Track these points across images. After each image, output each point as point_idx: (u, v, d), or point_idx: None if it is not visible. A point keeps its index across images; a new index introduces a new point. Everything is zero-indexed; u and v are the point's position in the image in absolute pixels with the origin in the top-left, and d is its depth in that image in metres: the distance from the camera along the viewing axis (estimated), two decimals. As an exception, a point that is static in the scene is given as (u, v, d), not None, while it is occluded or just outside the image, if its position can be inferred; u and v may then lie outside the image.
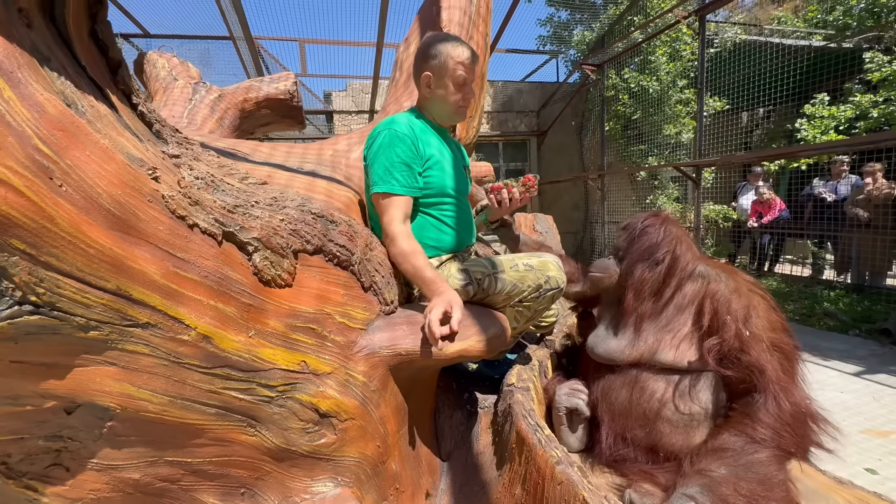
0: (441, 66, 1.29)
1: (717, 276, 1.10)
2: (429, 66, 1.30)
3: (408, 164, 1.23)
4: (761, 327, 1.01)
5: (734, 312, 1.02)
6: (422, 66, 1.32)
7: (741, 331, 1.00)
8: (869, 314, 3.95)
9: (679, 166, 5.49)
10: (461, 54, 1.28)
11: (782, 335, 1.02)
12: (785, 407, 0.95)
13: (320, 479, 0.93)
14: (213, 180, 0.82)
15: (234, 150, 1.47)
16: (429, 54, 1.30)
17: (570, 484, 0.87)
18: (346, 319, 0.98)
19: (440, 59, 1.28)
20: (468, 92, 1.35)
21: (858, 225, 4.72)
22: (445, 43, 1.29)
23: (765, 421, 0.94)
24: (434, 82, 1.31)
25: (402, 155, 1.22)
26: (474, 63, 1.32)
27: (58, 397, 0.62)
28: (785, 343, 1.01)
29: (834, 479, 1.16)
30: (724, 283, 1.08)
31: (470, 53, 1.30)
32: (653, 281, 1.11)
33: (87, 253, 0.58)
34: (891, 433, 2.20)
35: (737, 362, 1.00)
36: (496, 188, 1.46)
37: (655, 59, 6.44)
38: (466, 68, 1.30)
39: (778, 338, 1.01)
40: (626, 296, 1.14)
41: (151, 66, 2.69)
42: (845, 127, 5.69)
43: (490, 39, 2.39)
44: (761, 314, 1.02)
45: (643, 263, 1.13)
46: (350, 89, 7.94)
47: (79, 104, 0.61)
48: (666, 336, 1.08)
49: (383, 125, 1.27)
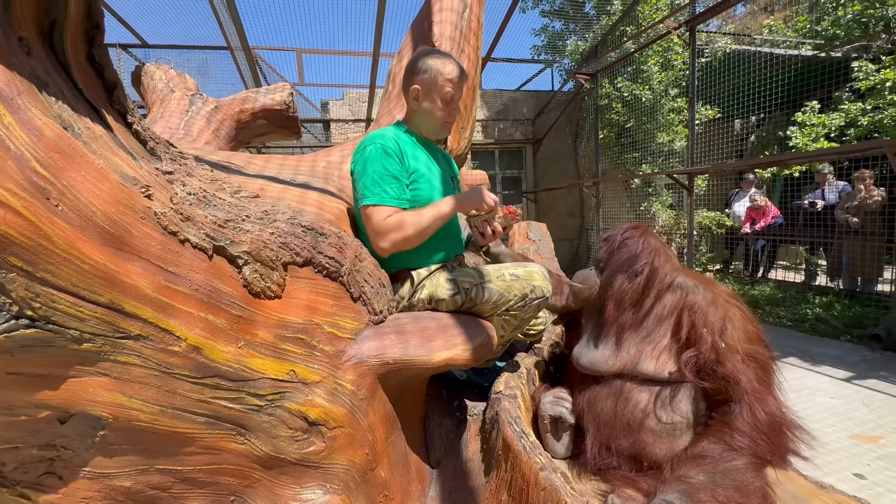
0: (430, 80, 1.32)
1: (694, 287, 1.13)
2: (418, 79, 1.33)
3: (395, 176, 1.26)
4: (737, 339, 1.03)
5: (710, 324, 1.05)
6: (411, 79, 1.35)
7: (717, 343, 1.02)
8: (860, 320, 3.99)
9: (672, 174, 5.55)
10: (450, 71, 1.32)
11: (758, 346, 1.05)
12: (760, 416, 0.97)
13: (309, 487, 0.95)
14: (204, 196, 0.85)
15: (228, 163, 1.50)
16: (418, 68, 1.33)
17: (553, 490, 0.89)
18: (334, 329, 1.01)
19: (429, 74, 1.31)
20: (454, 108, 1.38)
21: (848, 231, 4.78)
22: (435, 58, 1.33)
23: (741, 430, 0.96)
24: (422, 96, 1.34)
25: (389, 168, 1.25)
26: (462, 80, 1.35)
27: (52, 407, 0.65)
28: (760, 354, 1.04)
29: (815, 483, 1.19)
30: (702, 295, 1.11)
31: (459, 71, 1.33)
32: (632, 292, 1.14)
33: (82, 269, 0.60)
34: (880, 438, 2.22)
35: (713, 374, 1.02)
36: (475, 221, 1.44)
37: (648, 68, 6.54)
38: (454, 85, 1.33)
39: (753, 349, 1.04)
40: (607, 307, 1.17)
41: (149, 78, 2.73)
42: (836, 134, 5.78)
43: (482, 52, 2.44)
44: (737, 325, 1.05)
45: (622, 275, 1.16)
46: (347, 98, 8.01)
47: (75, 126, 0.64)
48: (647, 347, 1.11)
49: (369, 139, 1.30)
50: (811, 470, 1.97)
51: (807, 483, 1.20)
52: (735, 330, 1.04)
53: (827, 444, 2.19)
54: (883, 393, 2.73)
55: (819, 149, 5.27)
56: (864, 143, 4.42)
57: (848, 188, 5.13)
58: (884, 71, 5.28)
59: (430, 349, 1.10)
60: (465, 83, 1.38)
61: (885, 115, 5.19)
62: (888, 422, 2.38)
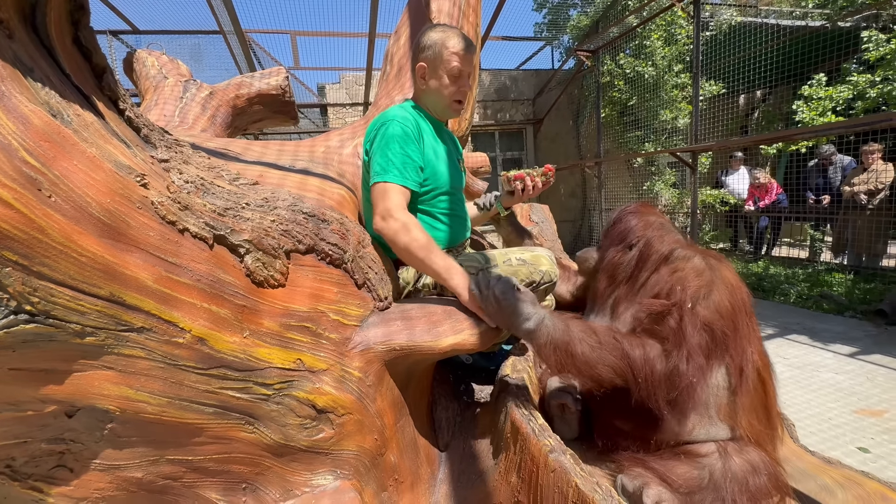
0: (435, 56, 1.26)
1: (691, 256, 1.11)
2: (423, 56, 1.28)
3: (411, 157, 1.22)
4: (705, 307, 1.02)
5: (687, 288, 1.03)
6: (417, 57, 1.30)
7: (685, 302, 1.01)
8: (864, 296, 3.98)
9: (675, 152, 5.47)
10: (456, 44, 1.26)
11: (724, 321, 1.02)
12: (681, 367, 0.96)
13: (320, 473, 0.95)
14: (202, 183, 0.83)
15: (226, 150, 1.47)
16: (422, 45, 1.28)
17: (562, 471, 0.89)
18: (340, 317, 0.99)
19: (434, 50, 1.26)
20: (463, 84, 1.31)
21: (855, 207, 4.73)
22: (439, 31, 1.27)
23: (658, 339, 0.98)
24: (428, 73, 1.29)
25: (406, 148, 1.21)
26: (469, 53, 1.28)
27: (58, 402, 0.64)
28: (719, 329, 1.00)
29: (822, 459, 1.19)
30: (693, 265, 1.08)
31: (465, 43, 1.27)
32: (626, 265, 1.13)
33: (79, 261, 0.59)
34: (883, 412, 2.24)
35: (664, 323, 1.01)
36: (518, 177, 1.52)
37: (651, 43, 6.38)
38: (461, 58, 1.26)
39: (715, 321, 1.01)
40: (600, 279, 1.16)
41: (141, 64, 2.67)
42: (843, 108, 5.66)
43: (481, 30, 2.37)
44: (713, 298, 1.02)
45: (615, 248, 1.15)
46: (343, 82, 7.87)
47: (64, 114, 0.61)
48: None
49: (386, 117, 1.24)
50: (816, 444, 1.99)
51: (814, 459, 1.21)
52: (709, 300, 1.01)
53: (831, 419, 2.21)
54: (887, 367, 2.74)
55: (826, 123, 5.17)
56: (873, 116, 4.33)
57: (853, 164, 5.05)
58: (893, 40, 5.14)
59: (437, 334, 1.09)
60: (473, 56, 1.31)
61: (894, 87, 5.07)
62: (892, 396, 2.39)
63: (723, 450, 0.97)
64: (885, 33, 5.38)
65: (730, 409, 1.02)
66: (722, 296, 1.02)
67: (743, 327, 1.02)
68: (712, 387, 1.05)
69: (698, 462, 0.96)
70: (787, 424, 1.32)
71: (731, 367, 1.01)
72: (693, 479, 0.93)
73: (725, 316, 1.01)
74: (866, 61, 5.49)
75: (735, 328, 1.02)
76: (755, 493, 0.91)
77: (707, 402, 1.04)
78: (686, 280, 1.05)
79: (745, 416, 1.01)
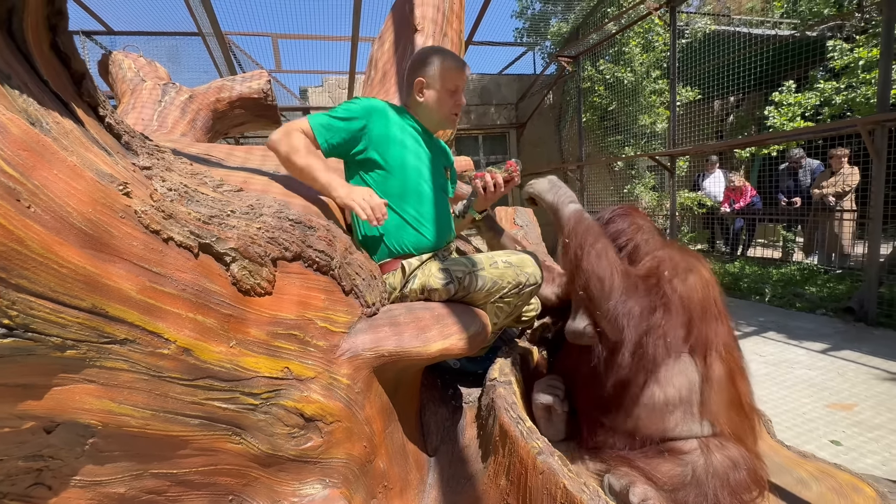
0: (434, 72, 1.38)
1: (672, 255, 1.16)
2: (422, 71, 1.39)
3: (344, 119, 1.28)
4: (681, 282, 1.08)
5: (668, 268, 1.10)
6: (416, 72, 1.40)
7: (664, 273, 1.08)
8: (834, 294, 4.15)
9: (654, 156, 5.61)
10: (452, 61, 1.39)
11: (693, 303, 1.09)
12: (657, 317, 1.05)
13: (308, 482, 0.94)
14: (186, 191, 0.82)
15: (208, 156, 1.44)
16: (421, 62, 1.39)
17: (551, 473, 0.91)
18: (327, 324, 0.99)
19: (434, 67, 1.38)
20: (459, 99, 1.43)
21: (824, 208, 4.93)
22: (438, 52, 1.41)
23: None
24: (426, 87, 1.39)
25: (345, 112, 1.29)
26: (464, 70, 1.42)
27: (36, 417, 0.62)
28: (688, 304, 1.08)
29: (798, 453, 1.24)
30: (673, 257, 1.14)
31: (461, 62, 1.41)
32: None
33: (60, 273, 0.57)
34: (853, 406, 2.33)
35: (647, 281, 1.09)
36: (479, 175, 1.48)
37: (629, 50, 6.54)
38: (458, 74, 1.39)
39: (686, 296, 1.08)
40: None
41: (117, 67, 2.60)
42: (811, 113, 5.90)
43: (464, 36, 2.39)
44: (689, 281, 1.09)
45: None
46: (326, 85, 7.81)
47: (43, 122, 0.60)
48: None
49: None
50: (791, 438, 2.06)
51: (790, 453, 1.25)
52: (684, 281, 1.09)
53: (805, 414, 2.29)
54: (855, 363, 2.86)
55: (795, 128, 5.38)
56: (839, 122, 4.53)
57: (821, 167, 5.27)
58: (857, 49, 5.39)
59: (426, 340, 1.10)
60: (466, 71, 1.44)
61: (858, 94, 5.32)
62: (860, 390, 2.49)
63: (704, 446, 1.00)
64: (849, 43, 5.65)
65: (709, 404, 1.05)
66: (696, 283, 1.10)
67: (710, 317, 1.08)
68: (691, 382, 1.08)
69: (681, 459, 0.99)
70: (764, 421, 1.37)
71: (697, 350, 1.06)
72: (676, 477, 0.96)
73: (695, 299, 1.08)
74: (832, 69, 5.75)
75: (703, 314, 1.08)
76: (736, 488, 0.94)
77: (690, 400, 1.07)
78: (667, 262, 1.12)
79: (724, 412, 1.05)
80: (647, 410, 1.09)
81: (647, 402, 1.09)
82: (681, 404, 1.09)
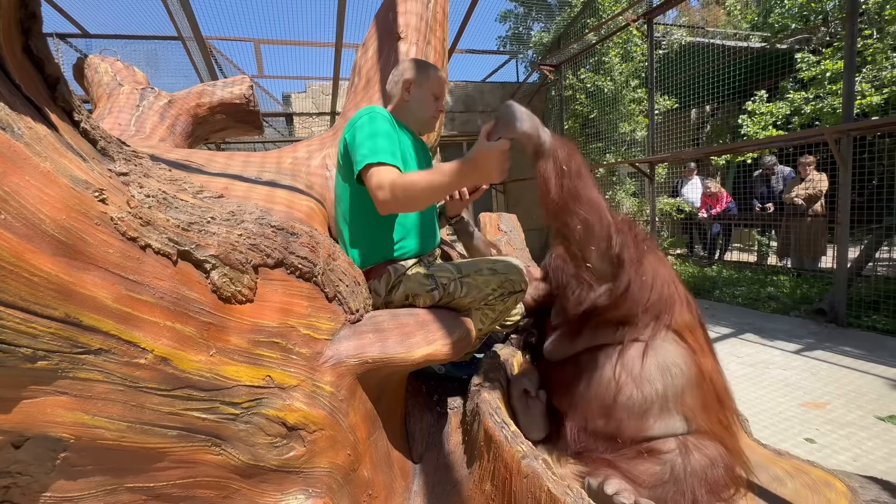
0: (422, 75, 1.46)
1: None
2: (409, 74, 1.46)
3: (390, 136, 1.28)
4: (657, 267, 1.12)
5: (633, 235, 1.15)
6: (403, 75, 1.47)
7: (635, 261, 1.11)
8: (807, 296, 4.29)
9: (634, 163, 5.74)
10: (436, 73, 1.50)
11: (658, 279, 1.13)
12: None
13: (291, 493, 0.93)
14: (165, 197, 0.80)
15: (188, 162, 1.42)
16: (409, 68, 1.48)
17: (535, 476, 0.91)
18: (310, 331, 0.98)
19: (421, 72, 1.46)
20: (441, 105, 1.52)
21: (796, 214, 5.11)
22: (424, 63, 1.50)
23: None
24: (414, 87, 1.45)
25: (388, 133, 1.28)
26: (445, 82, 1.54)
27: (4, 432, 0.60)
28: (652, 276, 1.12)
29: (773, 451, 1.27)
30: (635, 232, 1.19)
31: (442, 74, 1.53)
32: None
33: (32, 282, 0.56)
34: (826, 404, 2.41)
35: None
36: None
37: (609, 60, 6.70)
38: (441, 83, 1.50)
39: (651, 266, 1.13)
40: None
41: (93, 71, 2.54)
42: (782, 122, 6.14)
43: (448, 44, 2.42)
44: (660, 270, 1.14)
45: None
46: (310, 91, 7.76)
47: (15, 127, 0.58)
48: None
49: (365, 110, 1.33)
50: (768, 437, 2.11)
51: (766, 451, 1.29)
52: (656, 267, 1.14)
53: (780, 413, 2.36)
54: (827, 363, 2.96)
55: (768, 137, 5.59)
56: (807, 131, 4.72)
57: (793, 174, 5.48)
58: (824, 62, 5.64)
59: (410, 346, 1.10)
60: (447, 86, 1.56)
61: (825, 104, 5.56)
62: (832, 389, 2.58)
63: (683, 445, 1.02)
64: (816, 55, 5.91)
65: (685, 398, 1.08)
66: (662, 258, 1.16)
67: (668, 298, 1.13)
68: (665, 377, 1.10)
69: (660, 458, 1.01)
70: (741, 420, 1.40)
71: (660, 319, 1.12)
72: (655, 475, 0.98)
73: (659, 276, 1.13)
74: (801, 80, 6.00)
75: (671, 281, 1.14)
76: (713, 485, 0.96)
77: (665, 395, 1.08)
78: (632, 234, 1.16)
79: (701, 409, 1.07)
80: (626, 412, 1.11)
81: (624, 402, 1.11)
82: (657, 400, 1.11)
